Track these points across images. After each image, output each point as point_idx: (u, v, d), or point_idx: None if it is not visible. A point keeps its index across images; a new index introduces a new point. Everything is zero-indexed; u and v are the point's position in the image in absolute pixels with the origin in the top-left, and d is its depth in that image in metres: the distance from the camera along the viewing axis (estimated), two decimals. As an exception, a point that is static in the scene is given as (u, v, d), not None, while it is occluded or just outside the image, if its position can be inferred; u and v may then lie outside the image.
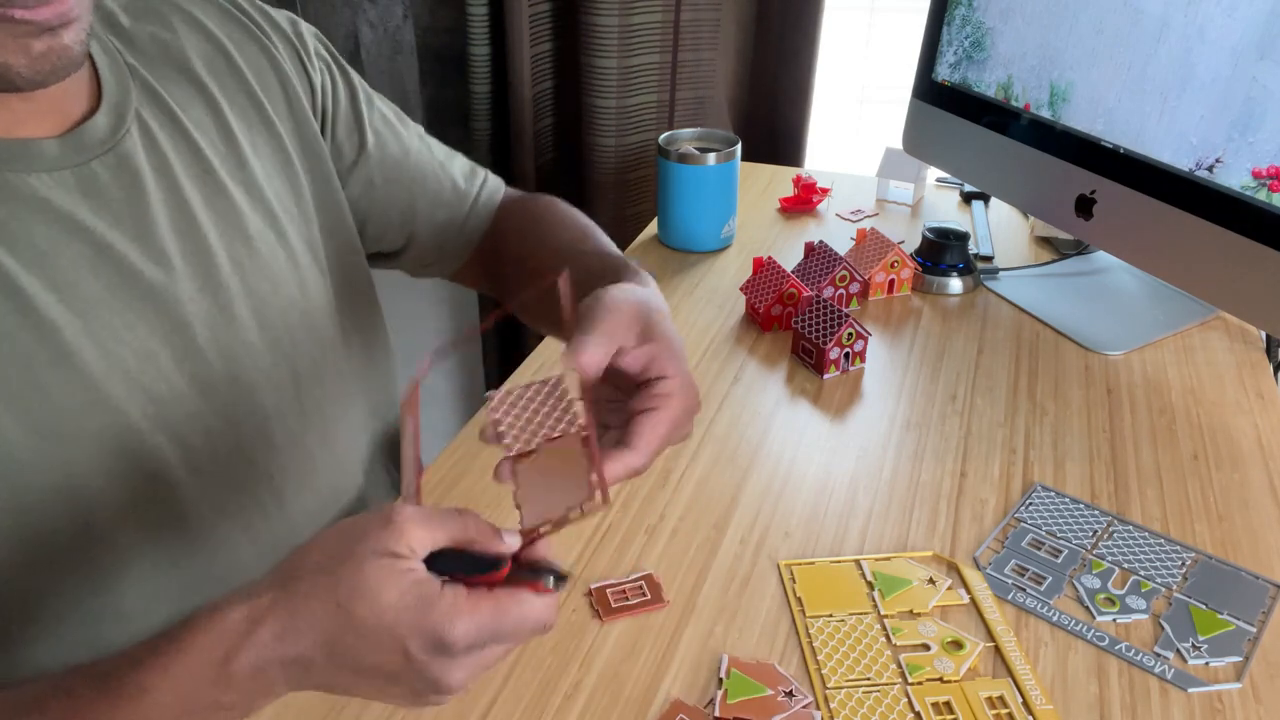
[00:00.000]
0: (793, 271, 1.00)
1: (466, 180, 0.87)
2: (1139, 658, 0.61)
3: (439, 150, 0.87)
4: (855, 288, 1.01)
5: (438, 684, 0.45)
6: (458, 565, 0.46)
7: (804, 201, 1.24)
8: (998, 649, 0.62)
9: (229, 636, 0.44)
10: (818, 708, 0.58)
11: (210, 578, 0.67)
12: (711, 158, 1.09)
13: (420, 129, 0.87)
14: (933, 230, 1.05)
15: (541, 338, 0.99)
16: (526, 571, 0.47)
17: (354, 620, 0.43)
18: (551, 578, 0.47)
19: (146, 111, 0.65)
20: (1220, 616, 0.64)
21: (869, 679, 0.60)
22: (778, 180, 1.33)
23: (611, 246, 0.78)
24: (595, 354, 0.51)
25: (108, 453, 0.60)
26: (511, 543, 0.47)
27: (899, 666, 0.60)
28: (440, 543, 0.46)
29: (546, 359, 0.94)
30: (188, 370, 0.64)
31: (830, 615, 0.64)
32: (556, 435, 0.50)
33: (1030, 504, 0.74)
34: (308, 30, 0.78)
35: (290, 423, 0.72)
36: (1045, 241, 1.15)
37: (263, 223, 0.70)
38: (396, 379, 0.91)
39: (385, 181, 0.82)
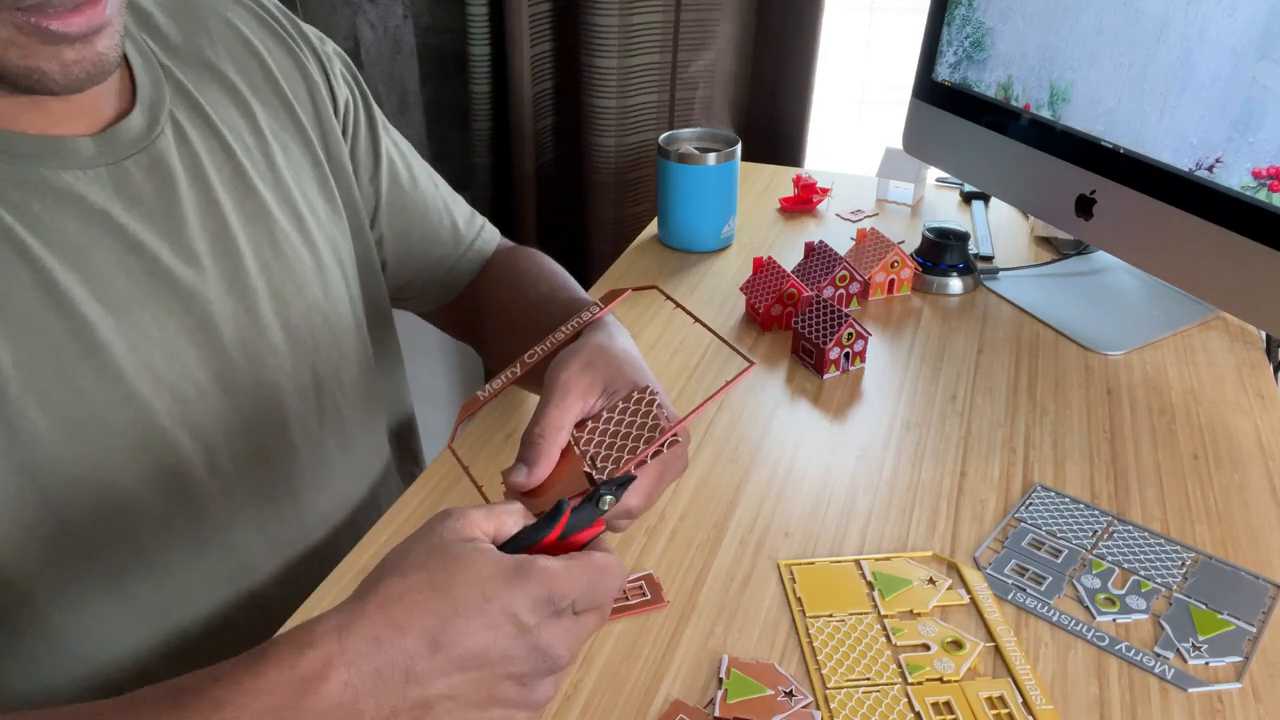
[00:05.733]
0: (793, 271, 1.00)
1: (466, 224, 0.89)
2: (1139, 658, 0.61)
3: (445, 189, 0.88)
4: (855, 288, 1.01)
5: (549, 652, 0.44)
6: (520, 545, 0.47)
7: (804, 201, 1.24)
8: (998, 649, 0.62)
9: (317, 649, 0.41)
10: (818, 708, 0.58)
11: (225, 577, 0.68)
12: (711, 158, 1.09)
13: (429, 167, 0.88)
14: (933, 230, 1.05)
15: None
16: (585, 507, 0.48)
17: (456, 603, 0.42)
18: (608, 498, 0.48)
19: (180, 112, 0.66)
20: (1220, 616, 0.64)
21: (869, 679, 0.60)
22: (778, 180, 1.33)
23: (583, 294, 0.79)
24: (522, 481, 0.53)
25: (132, 448, 0.61)
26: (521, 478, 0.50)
27: (899, 666, 0.60)
28: (505, 527, 0.46)
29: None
30: (212, 370, 0.65)
31: (830, 615, 0.64)
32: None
33: (1030, 504, 0.74)
34: (335, 50, 0.79)
35: (309, 425, 0.73)
36: (1045, 241, 1.15)
37: (290, 225, 0.71)
38: (407, 382, 0.91)
39: (389, 206, 0.82)
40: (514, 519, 0.47)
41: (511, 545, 0.46)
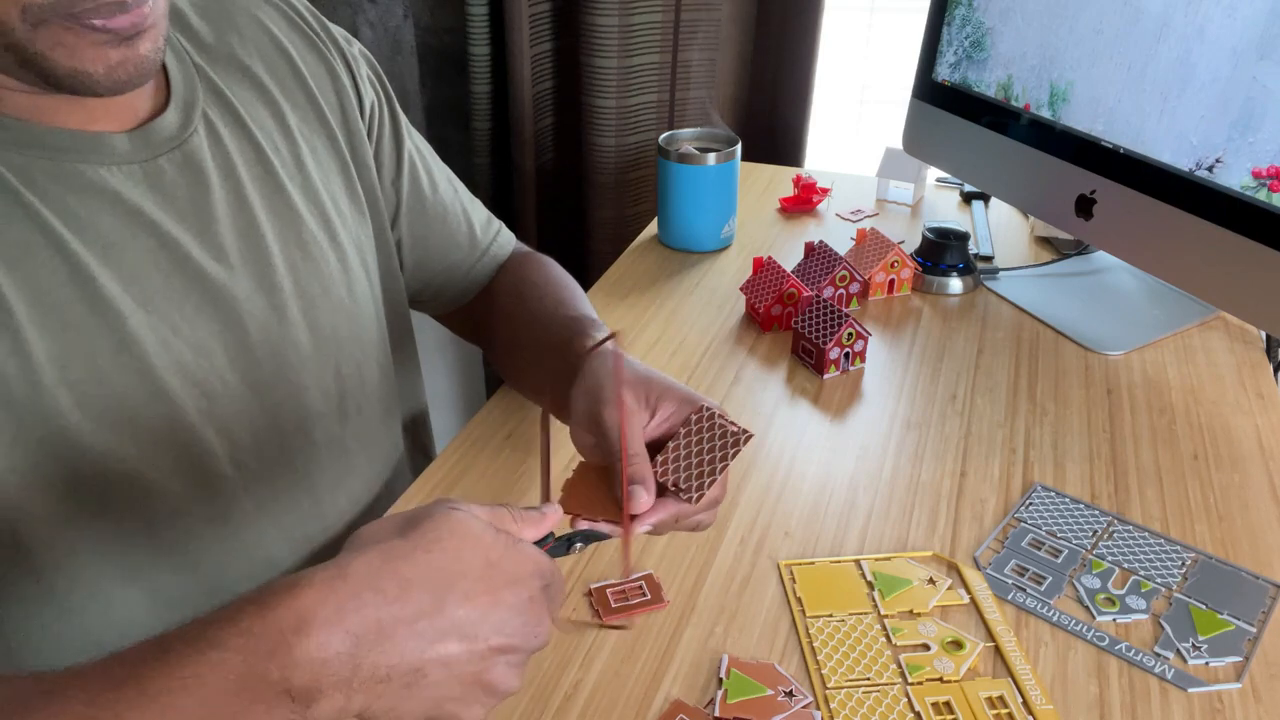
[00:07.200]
0: (793, 271, 1.00)
1: (483, 229, 0.89)
2: (1139, 658, 0.61)
3: (464, 193, 0.89)
4: (855, 288, 1.01)
5: (539, 627, 0.46)
6: None
7: (804, 201, 1.24)
8: (998, 649, 0.62)
9: (311, 595, 0.40)
10: (818, 708, 0.58)
11: (245, 570, 0.69)
12: (711, 158, 1.09)
13: (449, 170, 0.88)
14: (933, 230, 1.05)
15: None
16: (559, 544, 0.53)
17: (464, 565, 0.43)
18: (578, 544, 0.54)
19: (213, 111, 0.66)
20: (1220, 616, 0.64)
21: (869, 679, 0.60)
22: (778, 180, 1.33)
23: (588, 310, 0.80)
24: (648, 500, 0.56)
25: (159, 442, 0.62)
26: (552, 513, 0.51)
27: (899, 666, 0.60)
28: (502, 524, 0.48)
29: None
30: (239, 367, 0.66)
31: (830, 615, 0.64)
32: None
33: (1030, 504, 0.74)
34: (362, 51, 0.79)
35: (330, 423, 0.73)
36: (1045, 241, 1.15)
37: (317, 225, 0.71)
38: (422, 378, 0.92)
39: (409, 209, 0.83)
40: (502, 519, 0.49)
41: None
